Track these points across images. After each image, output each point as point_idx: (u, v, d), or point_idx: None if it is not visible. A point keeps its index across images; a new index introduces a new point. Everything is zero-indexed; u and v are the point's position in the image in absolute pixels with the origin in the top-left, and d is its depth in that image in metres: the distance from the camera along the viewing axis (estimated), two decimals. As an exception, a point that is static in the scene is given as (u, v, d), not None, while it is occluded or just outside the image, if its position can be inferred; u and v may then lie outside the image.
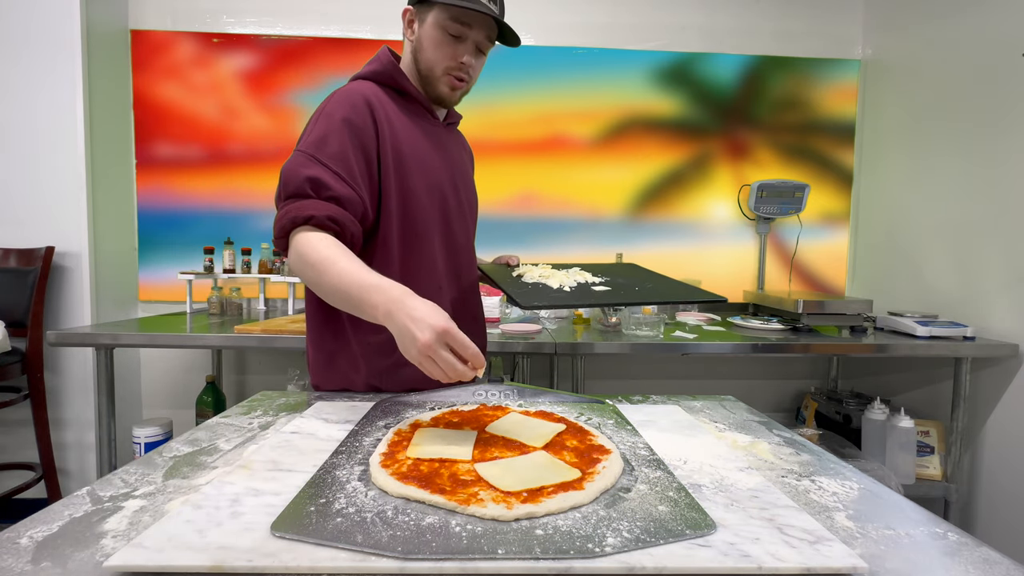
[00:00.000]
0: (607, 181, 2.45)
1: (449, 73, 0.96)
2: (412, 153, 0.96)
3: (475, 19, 0.93)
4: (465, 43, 0.95)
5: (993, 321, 1.84)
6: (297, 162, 0.87)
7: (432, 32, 0.94)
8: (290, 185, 0.86)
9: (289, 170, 0.87)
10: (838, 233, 2.54)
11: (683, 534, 0.45)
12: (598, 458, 0.60)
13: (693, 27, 2.45)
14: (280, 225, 0.86)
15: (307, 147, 0.88)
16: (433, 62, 0.95)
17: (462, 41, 0.94)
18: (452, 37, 0.94)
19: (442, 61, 0.95)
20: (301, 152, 0.88)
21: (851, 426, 2.10)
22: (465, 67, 0.96)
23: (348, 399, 0.89)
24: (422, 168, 0.97)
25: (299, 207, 0.85)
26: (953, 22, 2.03)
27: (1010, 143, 1.80)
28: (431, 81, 0.97)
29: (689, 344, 1.75)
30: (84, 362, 2.10)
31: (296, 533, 0.44)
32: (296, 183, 0.86)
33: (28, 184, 2.06)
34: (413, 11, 0.97)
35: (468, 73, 0.97)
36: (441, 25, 0.93)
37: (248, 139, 2.34)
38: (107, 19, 2.19)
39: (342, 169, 0.87)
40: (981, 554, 0.45)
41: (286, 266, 2.13)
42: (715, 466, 0.62)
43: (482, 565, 0.40)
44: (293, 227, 0.85)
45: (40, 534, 0.46)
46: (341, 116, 0.90)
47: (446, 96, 0.99)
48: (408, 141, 0.96)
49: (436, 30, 0.93)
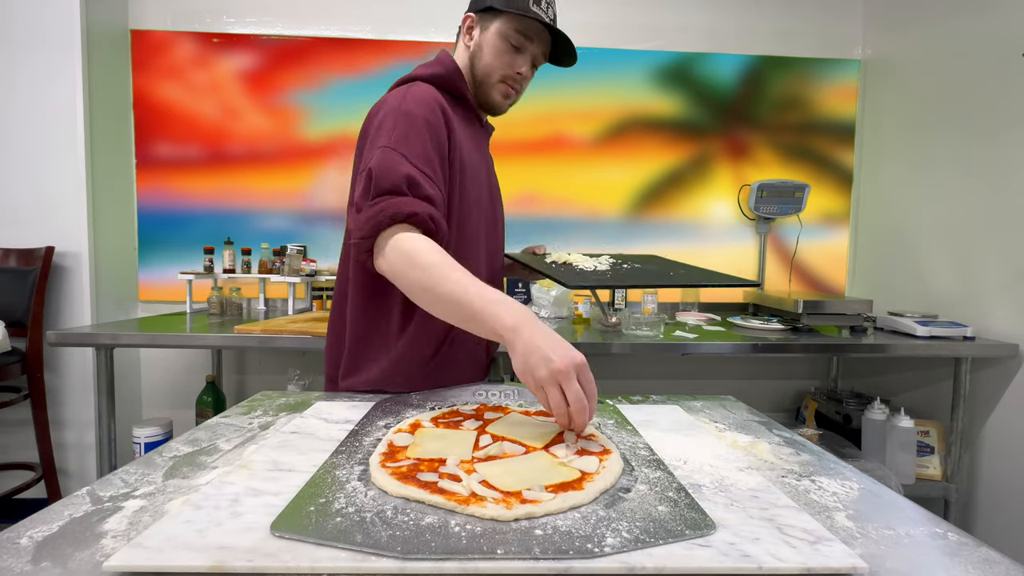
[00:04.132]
0: (607, 181, 2.45)
1: (504, 81, 0.99)
2: (470, 162, 0.97)
3: (538, 34, 0.97)
4: (524, 55, 0.98)
5: (993, 321, 1.84)
6: (391, 159, 0.83)
7: (494, 40, 0.97)
8: (385, 181, 0.82)
9: (384, 166, 0.83)
10: (838, 233, 2.54)
11: (683, 534, 0.45)
12: (598, 458, 0.60)
13: (693, 27, 2.45)
14: (375, 221, 0.81)
15: (396, 144, 0.84)
16: (491, 69, 0.98)
17: (521, 53, 0.98)
18: (513, 47, 0.97)
19: (500, 69, 0.98)
20: (391, 149, 0.84)
21: (851, 426, 2.10)
22: (520, 78, 0.99)
23: (348, 399, 0.89)
24: (476, 178, 0.98)
25: (398, 203, 0.81)
26: (953, 22, 2.03)
27: (1010, 143, 1.80)
28: (486, 88, 1.00)
29: (689, 344, 1.75)
30: (84, 362, 2.10)
31: (296, 533, 0.44)
32: (393, 179, 0.82)
33: (28, 184, 2.06)
34: (475, 18, 0.99)
35: (521, 84, 1.01)
36: (504, 35, 0.96)
37: (248, 139, 2.34)
38: (107, 19, 2.19)
39: (429, 170, 0.86)
40: (981, 554, 0.45)
41: (286, 266, 2.13)
42: (715, 466, 0.62)
43: (482, 565, 0.40)
44: (392, 223, 0.81)
45: (40, 534, 0.46)
46: (423, 117, 0.88)
47: (498, 104, 1.01)
48: (467, 150, 0.97)
49: (499, 39, 0.96)
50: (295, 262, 2.14)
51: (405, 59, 2.36)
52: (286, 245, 2.23)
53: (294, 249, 2.18)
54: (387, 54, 2.36)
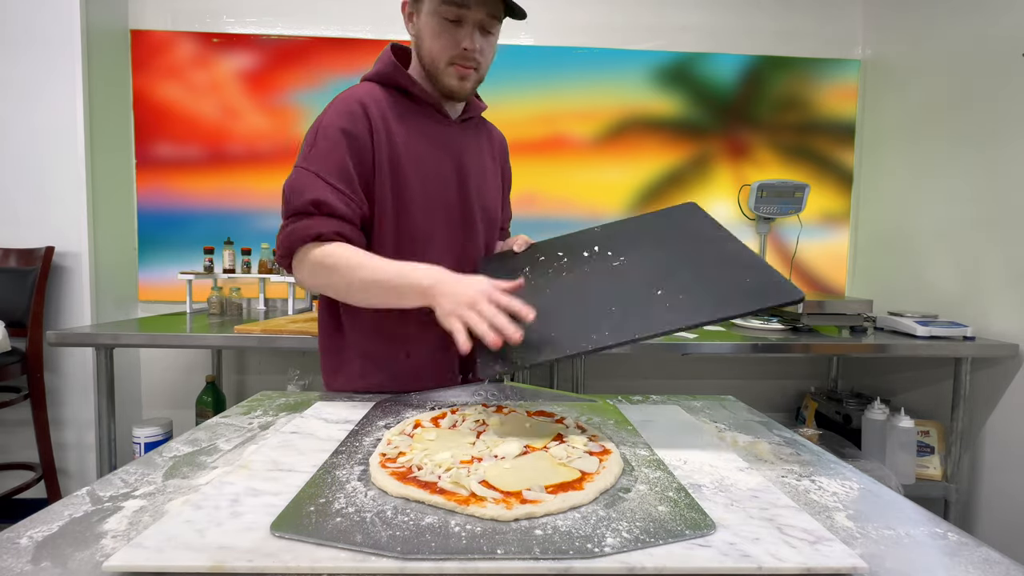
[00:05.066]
0: (607, 181, 2.45)
1: (454, 63, 0.89)
2: (410, 160, 0.92)
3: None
4: (464, 27, 0.87)
5: (993, 321, 1.84)
6: (299, 181, 0.86)
7: (429, 21, 0.88)
8: (292, 204, 0.86)
9: (291, 189, 0.86)
10: (838, 233, 2.54)
11: (683, 534, 0.45)
12: (599, 458, 0.60)
13: (693, 27, 2.45)
14: (288, 244, 0.86)
15: (308, 163, 0.87)
16: (435, 53, 0.90)
17: (461, 25, 0.87)
18: (450, 23, 0.87)
19: (444, 51, 0.89)
20: (303, 169, 0.87)
21: (851, 426, 2.10)
22: (469, 53, 0.88)
23: (348, 399, 0.89)
24: (421, 175, 0.93)
25: (305, 226, 0.85)
26: (953, 22, 2.03)
27: (1010, 143, 1.79)
28: (437, 74, 0.91)
29: (689, 344, 1.75)
30: (84, 362, 2.10)
31: (296, 533, 0.44)
32: (299, 203, 0.85)
33: (28, 184, 2.06)
34: (409, 2, 0.92)
35: (476, 59, 0.90)
36: (436, 12, 0.87)
37: (248, 139, 2.34)
38: (107, 19, 2.19)
39: (343, 184, 0.87)
40: (981, 554, 0.45)
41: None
42: (715, 466, 0.62)
43: (481, 565, 0.40)
44: (302, 244, 0.86)
45: (40, 534, 0.46)
46: (339, 127, 0.88)
47: (456, 88, 0.92)
48: (407, 147, 0.92)
49: (432, 18, 0.87)
50: (295, 262, 2.13)
51: (405, 59, 2.36)
52: (286, 245, 2.23)
53: (294, 249, 2.17)
54: (387, 54, 2.36)
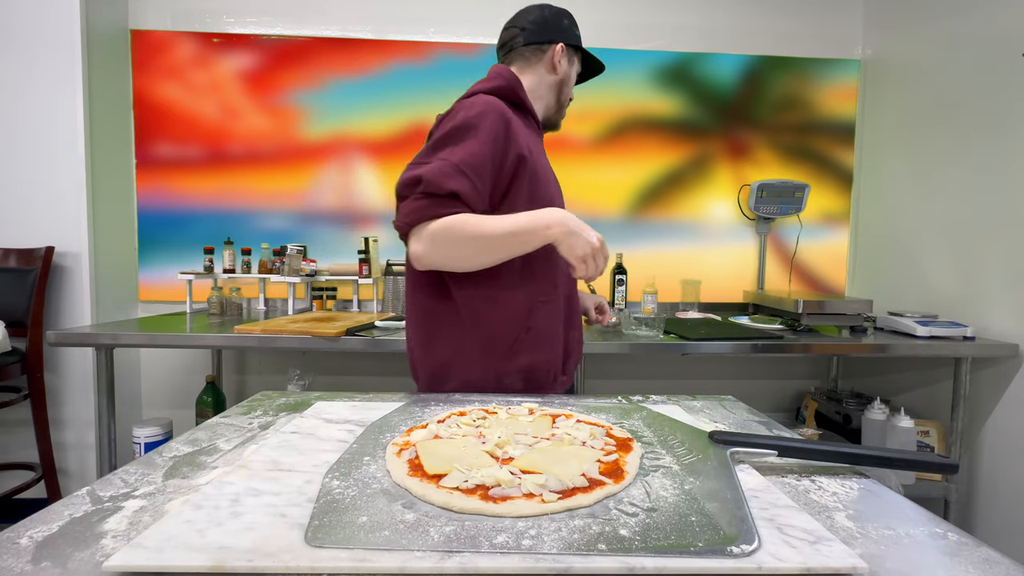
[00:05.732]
0: (607, 181, 2.45)
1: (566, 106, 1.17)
2: (539, 165, 1.04)
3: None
4: None
5: (993, 321, 1.84)
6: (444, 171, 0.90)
7: (572, 73, 1.14)
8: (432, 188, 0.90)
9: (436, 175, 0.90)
10: (838, 233, 2.54)
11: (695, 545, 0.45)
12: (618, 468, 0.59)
13: (693, 27, 2.45)
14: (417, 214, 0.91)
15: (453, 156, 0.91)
16: (567, 96, 1.15)
17: None
18: None
19: (568, 96, 1.16)
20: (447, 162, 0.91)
21: (851, 426, 2.10)
22: None
23: (348, 399, 0.89)
24: (546, 181, 1.06)
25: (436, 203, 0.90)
26: (953, 22, 2.03)
27: (1010, 143, 1.80)
28: (560, 110, 1.17)
29: (689, 344, 1.75)
30: (84, 362, 2.10)
31: (337, 543, 0.43)
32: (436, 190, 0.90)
33: (28, 184, 2.06)
34: (565, 50, 1.11)
35: None
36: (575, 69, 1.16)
37: (248, 139, 2.34)
38: (107, 19, 2.19)
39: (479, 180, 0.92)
40: (981, 554, 0.45)
41: (286, 266, 2.13)
42: (715, 466, 0.61)
43: (482, 564, 0.40)
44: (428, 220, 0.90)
45: (40, 534, 0.46)
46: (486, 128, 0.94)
47: (560, 124, 1.21)
48: (535, 154, 1.04)
49: (573, 71, 1.15)
50: (295, 262, 2.14)
51: (405, 59, 2.36)
52: (286, 245, 2.23)
53: (294, 249, 2.18)
54: (387, 54, 2.36)
